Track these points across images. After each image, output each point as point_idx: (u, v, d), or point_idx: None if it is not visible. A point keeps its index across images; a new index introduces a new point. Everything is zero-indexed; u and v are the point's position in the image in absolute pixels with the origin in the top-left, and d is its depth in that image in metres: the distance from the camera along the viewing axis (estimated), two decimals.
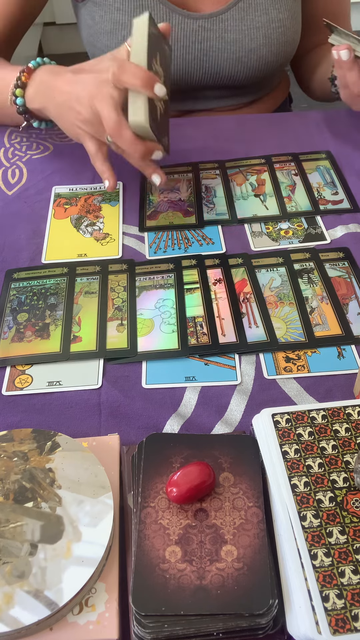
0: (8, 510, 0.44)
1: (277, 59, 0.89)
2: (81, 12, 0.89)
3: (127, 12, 0.83)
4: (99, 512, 0.44)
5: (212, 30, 0.85)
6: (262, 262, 0.69)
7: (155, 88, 0.62)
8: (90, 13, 0.86)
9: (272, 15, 0.86)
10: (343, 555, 0.41)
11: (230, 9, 0.85)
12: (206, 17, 0.85)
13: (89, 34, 0.89)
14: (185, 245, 0.72)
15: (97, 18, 0.86)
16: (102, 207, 0.77)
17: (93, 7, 0.86)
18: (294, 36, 0.91)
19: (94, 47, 0.89)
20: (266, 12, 0.85)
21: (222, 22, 0.85)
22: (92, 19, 0.86)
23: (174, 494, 0.44)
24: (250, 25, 0.85)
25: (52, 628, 0.40)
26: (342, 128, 0.89)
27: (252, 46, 0.86)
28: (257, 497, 0.45)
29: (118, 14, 0.84)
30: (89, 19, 0.87)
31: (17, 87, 0.75)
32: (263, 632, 0.40)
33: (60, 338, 0.62)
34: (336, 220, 0.74)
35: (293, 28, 0.89)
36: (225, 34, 0.86)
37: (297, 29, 0.92)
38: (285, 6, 0.86)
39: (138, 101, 0.63)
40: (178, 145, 0.85)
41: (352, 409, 0.49)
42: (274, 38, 0.87)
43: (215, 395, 0.57)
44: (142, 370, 0.59)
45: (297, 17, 0.91)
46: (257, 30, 0.86)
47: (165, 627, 0.39)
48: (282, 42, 0.88)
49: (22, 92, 0.75)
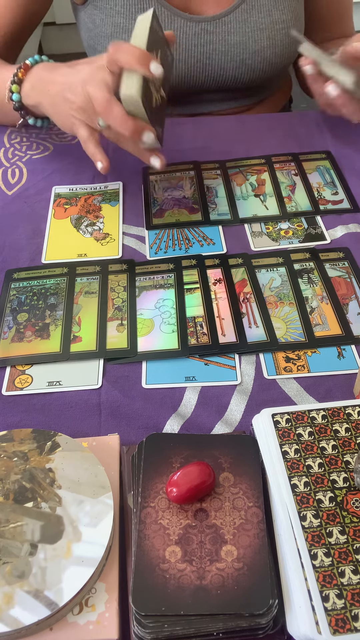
0: (8, 510, 0.44)
1: (281, 60, 0.89)
2: (81, 15, 0.89)
3: (128, 15, 0.83)
4: (99, 512, 0.44)
5: (214, 33, 0.85)
6: (262, 262, 0.69)
7: (151, 66, 0.60)
8: (91, 16, 0.86)
9: (275, 16, 0.86)
10: (343, 555, 0.41)
11: (233, 11, 0.84)
12: (209, 19, 0.85)
13: (90, 37, 0.89)
14: (186, 246, 0.72)
15: (97, 21, 0.86)
16: (102, 207, 0.77)
17: (94, 10, 0.86)
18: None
19: (95, 50, 0.89)
20: (269, 13, 0.85)
21: (224, 25, 0.85)
22: (93, 22, 0.86)
23: (174, 494, 0.44)
24: (254, 27, 0.85)
25: (52, 628, 0.40)
26: (342, 128, 0.89)
27: (256, 48, 0.86)
28: (257, 497, 0.45)
29: (119, 17, 0.84)
30: (89, 22, 0.87)
31: (13, 82, 0.75)
32: (263, 632, 0.40)
33: (60, 338, 0.62)
34: (336, 220, 0.74)
35: (296, 29, 0.89)
36: (229, 37, 0.85)
37: (301, 29, 0.91)
38: (288, 7, 0.86)
39: (132, 76, 0.62)
40: (179, 145, 0.85)
41: (352, 409, 0.49)
42: (278, 39, 0.87)
43: (215, 395, 0.57)
44: (142, 370, 0.59)
45: (300, 17, 0.91)
46: (261, 32, 0.86)
47: (165, 627, 0.39)
48: (286, 43, 0.88)
49: (18, 88, 0.75)
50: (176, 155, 0.84)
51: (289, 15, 0.87)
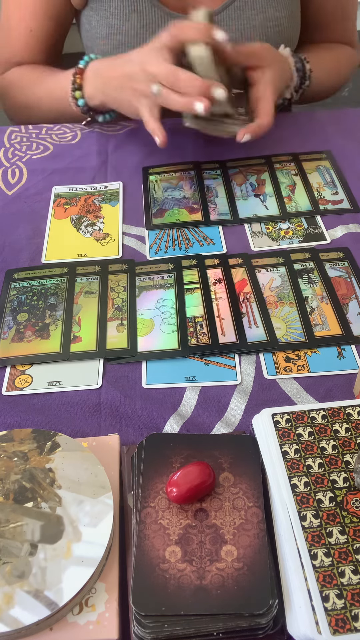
0: (8, 510, 0.44)
1: None
2: (80, 17, 0.90)
3: (121, 17, 0.83)
4: (99, 512, 0.44)
5: None
6: (262, 262, 0.69)
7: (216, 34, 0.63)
8: (88, 18, 0.87)
9: (269, 13, 0.85)
10: (343, 555, 0.41)
11: (226, 8, 0.84)
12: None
13: (87, 38, 0.89)
14: (186, 246, 0.72)
15: (93, 23, 0.86)
16: (102, 207, 0.77)
17: (90, 12, 0.86)
18: (291, 35, 0.89)
19: (92, 51, 0.89)
20: (263, 10, 0.84)
21: (217, 23, 0.84)
22: (89, 23, 0.87)
23: (174, 494, 0.44)
24: (247, 24, 0.84)
25: (52, 628, 0.40)
26: (342, 128, 0.89)
27: None
28: (257, 497, 0.45)
29: (113, 18, 0.84)
30: (86, 23, 0.88)
31: (74, 89, 0.80)
32: (263, 632, 0.40)
33: (60, 338, 0.62)
34: (336, 220, 0.74)
35: (291, 27, 0.88)
36: None
37: (296, 27, 0.90)
38: (282, 4, 0.85)
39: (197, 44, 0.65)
40: (179, 145, 0.85)
41: (352, 409, 0.49)
42: (271, 37, 0.85)
43: (215, 395, 0.57)
44: (142, 370, 0.59)
45: (296, 15, 0.89)
46: (254, 30, 0.85)
47: (165, 627, 0.39)
48: (279, 41, 0.86)
49: (81, 94, 0.80)
50: (177, 155, 0.84)
51: (283, 12, 0.85)
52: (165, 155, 0.84)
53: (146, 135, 0.74)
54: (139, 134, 0.88)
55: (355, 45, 1.00)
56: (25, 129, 0.90)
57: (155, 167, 0.83)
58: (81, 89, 0.80)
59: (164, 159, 0.84)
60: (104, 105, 0.79)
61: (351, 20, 0.99)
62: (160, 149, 0.72)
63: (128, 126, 0.89)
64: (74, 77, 0.79)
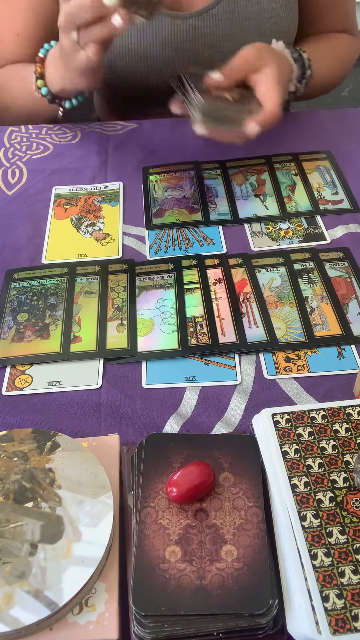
0: (8, 510, 0.44)
1: None
2: None
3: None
4: (99, 512, 0.44)
5: (203, 27, 0.83)
6: (262, 262, 0.69)
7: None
8: None
9: (264, 4, 0.83)
10: (343, 555, 0.41)
11: (221, 1, 0.82)
12: (195, 15, 0.82)
13: None
14: (186, 246, 0.72)
15: None
16: (102, 207, 0.77)
17: None
18: (288, 26, 0.87)
19: None
20: (258, 1, 0.82)
21: (212, 18, 0.82)
22: None
23: (174, 494, 0.44)
24: (241, 16, 0.83)
25: (52, 628, 0.40)
26: (342, 128, 0.89)
27: (244, 39, 0.83)
28: (257, 497, 0.45)
29: None
30: None
31: (37, 79, 0.79)
32: (263, 632, 0.40)
33: (60, 338, 0.62)
34: (336, 220, 0.74)
35: (287, 17, 0.86)
36: (217, 30, 0.83)
37: (293, 18, 0.88)
38: None
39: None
40: (179, 144, 0.85)
41: (352, 409, 0.49)
42: (267, 29, 0.84)
43: (215, 395, 0.57)
44: (142, 370, 0.59)
45: (292, 6, 0.87)
46: (249, 22, 0.83)
47: (165, 627, 0.39)
48: (276, 32, 0.84)
49: (43, 83, 0.79)
50: (177, 155, 0.84)
51: (279, 2, 0.83)
52: (165, 155, 0.84)
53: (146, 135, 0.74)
54: (139, 134, 0.88)
55: (354, 33, 0.98)
56: (26, 128, 0.90)
57: (155, 167, 0.83)
58: (43, 78, 0.78)
59: (164, 159, 0.84)
60: (65, 89, 0.77)
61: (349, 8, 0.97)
62: (160, 149, 0.71)
63: (128, 126, 0.89)
64: (35, 66, 0.78)
